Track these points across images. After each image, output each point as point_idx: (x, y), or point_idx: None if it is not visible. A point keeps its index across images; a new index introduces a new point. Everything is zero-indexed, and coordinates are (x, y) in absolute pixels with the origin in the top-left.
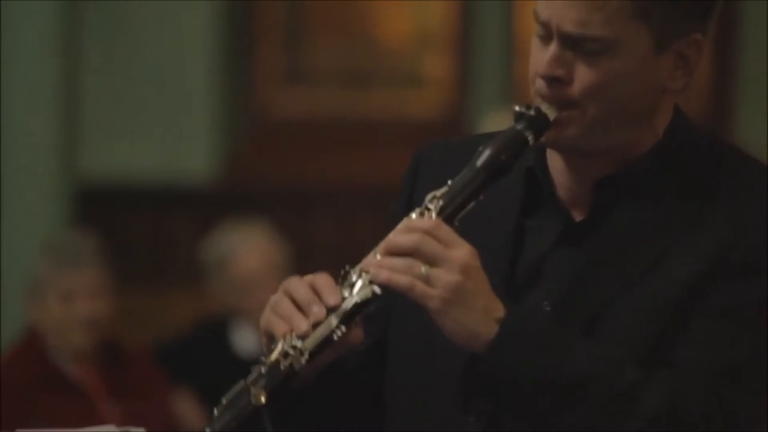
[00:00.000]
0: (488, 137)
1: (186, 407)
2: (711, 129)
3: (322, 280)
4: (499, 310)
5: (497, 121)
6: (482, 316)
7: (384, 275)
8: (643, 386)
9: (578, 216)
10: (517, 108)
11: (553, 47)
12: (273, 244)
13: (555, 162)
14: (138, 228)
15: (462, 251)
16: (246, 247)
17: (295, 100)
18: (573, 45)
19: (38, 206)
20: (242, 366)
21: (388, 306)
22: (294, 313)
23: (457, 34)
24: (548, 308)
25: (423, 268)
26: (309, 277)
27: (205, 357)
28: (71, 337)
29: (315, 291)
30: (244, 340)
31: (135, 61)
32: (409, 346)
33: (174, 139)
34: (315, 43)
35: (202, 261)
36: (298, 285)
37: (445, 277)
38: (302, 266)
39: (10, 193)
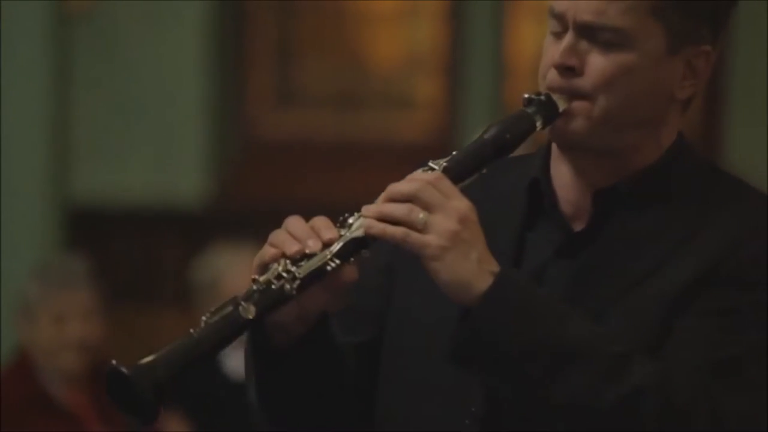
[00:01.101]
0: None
1: (176, 429)
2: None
3: (321, 220)
4: (493, 265)
5: None
6: (477, 267)
7: (377, 228)
8: (632, 359)
9: (579, 228)
10: (526, 95)
11: (568, 37)
12: None
13: (559, 173)
14: (129, 250)
15: (461, 202)
16: (236, 269)
17: (286, 122)
18: (588, 35)
19: (30, 228)
20: (232, 389)
21: (384, 307)
22: (287, 240)
23: (447, 57)
24: None
25: (422, 214)
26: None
27: (196, 379)
28: (62, 359)
29: (312, 228)
30: (235, 361)
31: (126, 83)
32: (407, 347)
33: (165, 161)
34: (306, 65)
35: (193, 282)
36: (296, 221)
37: (443, 224)
38: None
39: (1, 215)
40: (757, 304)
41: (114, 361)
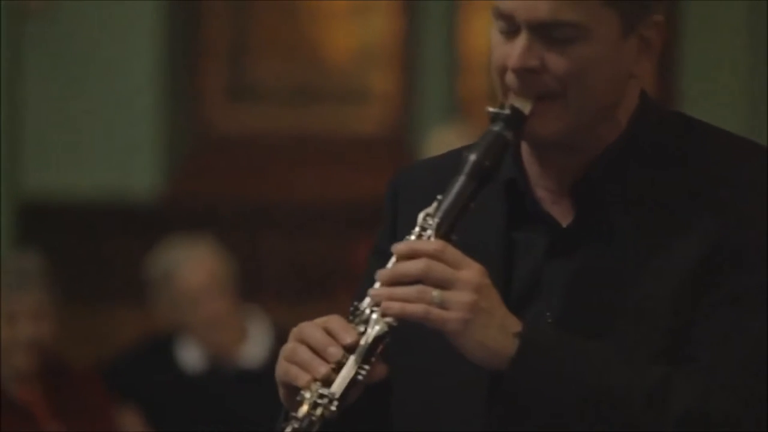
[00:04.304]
0: (462, 151)
1: (132, 425)
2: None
3: (334, 320)
4: (515, 325)
5: (442, 136)
6: (500, 332)
7: (396, 308)
8: (670, 387)
9: (564, 221)
10: (490, 109)
11: (522, 39)
12: (217, 260)
13: (531, 170)
14: (82, 246)
15: (472, 271)
16: (190, 262)
17: (240, 116)
18: (543, 33)
19: None
20: (188, 382)
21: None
22: (313, 359)
23: (401, 50)
24: (550, 320)
25: (435, 293)
26: (320, 320)
27: (150, 373)
28: (14, 359)
29: (329, 333)
30: (190, 356)
31: (78, 77)
32: (415, 373)
33: (118, 157)
34: (259, 59)
35: (147, 277)
36: (311, 329)
37: (460, 298)
38: (247, 282)
39: None
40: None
41: None
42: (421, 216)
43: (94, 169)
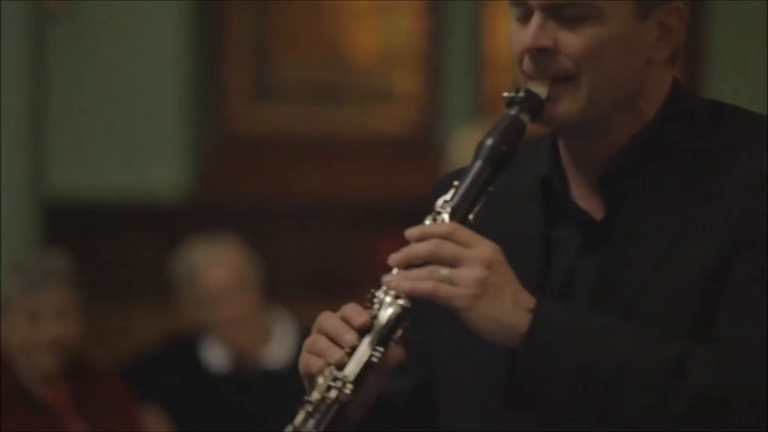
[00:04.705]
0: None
1: (155, 424)
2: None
3: (350, 307)
4: (529, 301)
5: (466, 136)
6: (512, 307)
7: (406, 285)
8: (687, 361)
9: (598, 216)
10: (505, 94)
11: (534, 20)
12: (242, 259)
13: (567, 166)
14: (106, 245)
15: (483, 248)
16: (214, 262)
17: (264, 116)
18: (555, 13)
19: (7, 225)
20: (211, 382)
21: (427, 342)
22: (329, 346)
23: (426, 50)
24: None
25: (444, 271)
26: (339, 311)
27: (174, 373)
28: (38, 358)
29: (344, 319)
30: (214, 356)
31: (103, 78)
32: (456, 375)
33: (142, 156)
34: (283, 59)
35: (171, 276)
36: (327, 318)
37: (469, 274)
38: (272, 282)
39: None
40: None
41: None
42: (439, 202)
43: (118, 168)
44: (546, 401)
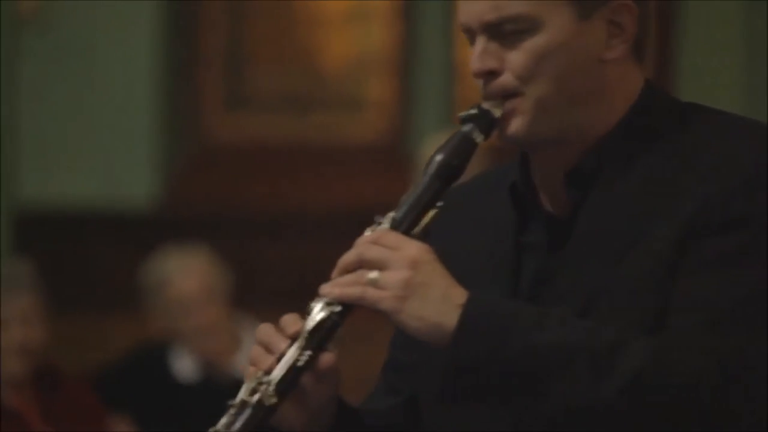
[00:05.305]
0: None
1: None
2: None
3: (286, 317)
4: (459, 297)
5: (437, 145)
6: (441, 305)
7: (336, 292)
8: (623, 345)
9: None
10: (461, 114)
11: (477, 43)
12: (212, 268)
13: (534, 172)
14: (78, 255)
15: (409, 248)
16: (185, 270)
17: (237, 125)
18: (495, 33)
19: None
20: (181, 391)
21: (412, 362)
22: (261, 354)
23: (398, 58)
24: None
25: (372, 275)
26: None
27: (143, 382)
28: (5, 364)
29: (278, 329)
30: (183, 364)
31: (75, 87)
32: (429, 379)
33: (114, 166)
34: (256, 68)
35: (142, 285)
36: (263, 328)
37: (393, 276)
38: (242, 291)
39: None
40: (749, 241)
41: None
42: (387, 215)
43: (91, 177)
44: (481, 392)
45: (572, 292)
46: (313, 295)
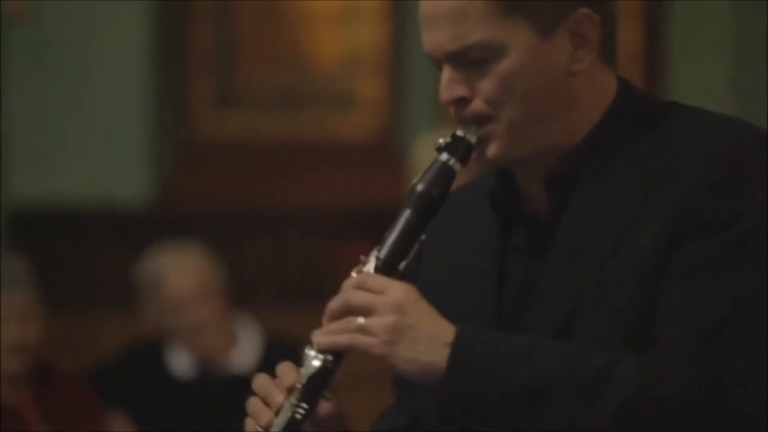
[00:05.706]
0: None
1: (120, 430)
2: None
3: (282, 367)
4: (448, 335)
5: (428, 143)
6: (430, 346)
7: (326, 341)
8: (613, 369)
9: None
10: (439, 140)
11: (444, 72)
12: (206, 265)
13: (518, 175)
14: (70, 252)
15: (394, 293)
16: (178, 268)
17: (228, 122)
18: (460, 62)
19: None
20: (176, 388)
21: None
22: (259, 408)
23: (388, 56)
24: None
25: (360, 321)
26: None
27: (139, 379)
28: (2, 361)
29: (275, 381)
30: (179, 362)
31: (66, 85)
32: (429, 398)
33: (106, 163)
34: (247, 66)
35: (136, 282)
36: (260, 380)
37: (380, 321)
38: (235, 288)
39: None
40: (734, 242)
41: None
42: (371, 254)
43: (82, 175)
44: (476, 423)
45: (556, 298)
46: (303, 292)
